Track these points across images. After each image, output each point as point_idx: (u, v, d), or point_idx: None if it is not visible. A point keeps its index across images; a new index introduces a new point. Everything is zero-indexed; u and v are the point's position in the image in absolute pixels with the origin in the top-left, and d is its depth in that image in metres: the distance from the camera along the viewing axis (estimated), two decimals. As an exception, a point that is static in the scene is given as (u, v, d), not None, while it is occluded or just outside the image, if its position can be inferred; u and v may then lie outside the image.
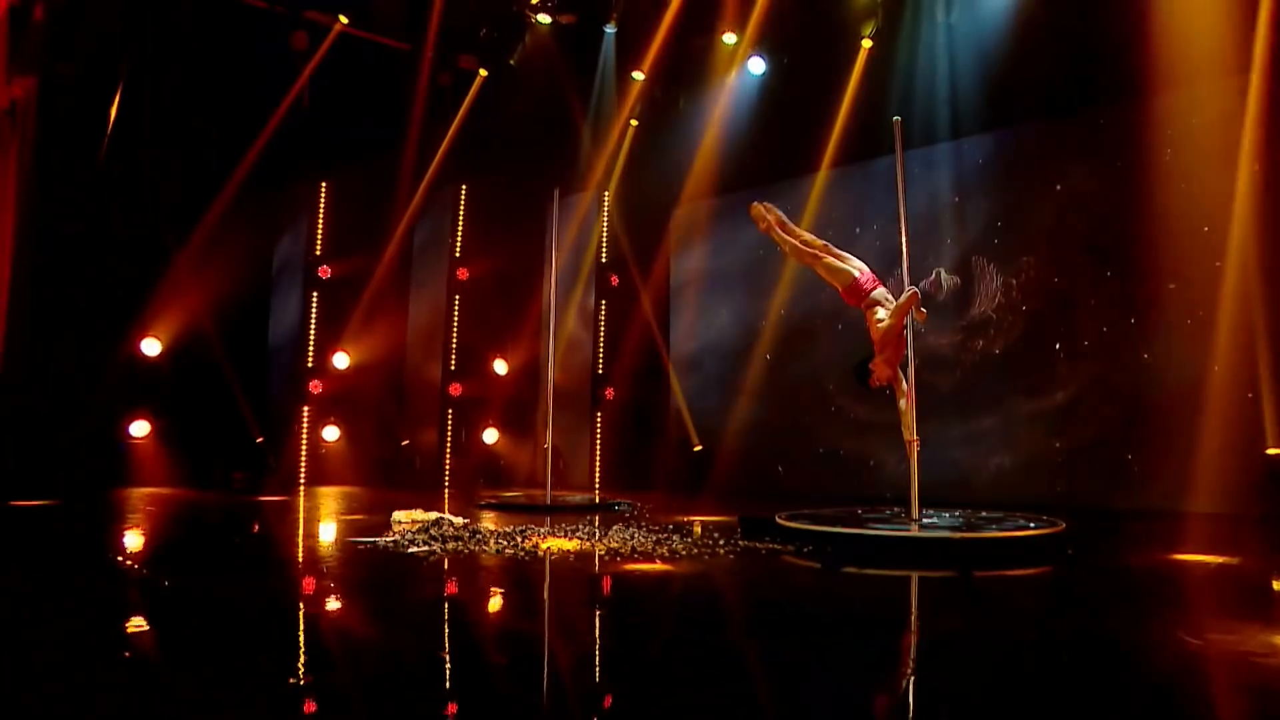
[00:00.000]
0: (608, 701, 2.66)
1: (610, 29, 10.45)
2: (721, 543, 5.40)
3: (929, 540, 5.30)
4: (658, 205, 11.89)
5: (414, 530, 5.65)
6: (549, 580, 4.49)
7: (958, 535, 5.24)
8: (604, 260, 11.59)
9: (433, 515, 6.75)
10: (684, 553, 5.07)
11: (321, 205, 11.21)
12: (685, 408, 11.48)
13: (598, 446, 11.33)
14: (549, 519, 7.08)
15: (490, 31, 10.30)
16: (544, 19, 10.22)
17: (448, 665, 3.00)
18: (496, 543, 5.27)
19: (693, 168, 11.37)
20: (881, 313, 5.66)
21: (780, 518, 5.90)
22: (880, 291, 5.86)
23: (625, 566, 4.69)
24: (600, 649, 3.35)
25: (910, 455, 5.84)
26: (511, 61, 10.39)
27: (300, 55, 10.48)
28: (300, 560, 5.38)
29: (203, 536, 6.53)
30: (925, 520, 5.92)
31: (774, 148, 10.52)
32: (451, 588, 4.38)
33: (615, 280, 11.63)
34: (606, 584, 4.44)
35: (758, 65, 10.46)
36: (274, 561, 5.39)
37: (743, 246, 11.08)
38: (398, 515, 6.74)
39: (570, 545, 5.35)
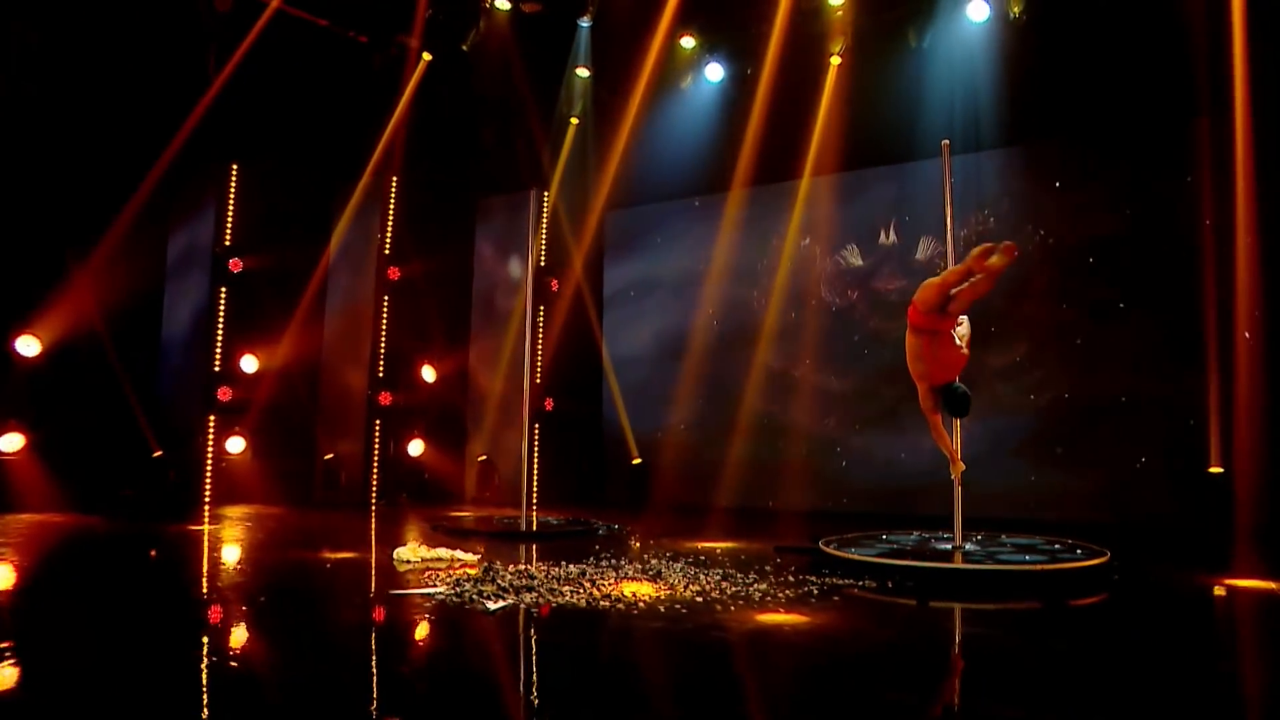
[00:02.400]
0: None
1: (585, 23, 9.93)
2: (812, 580, 5.20)
3: (1014, 573, 5.34)
4: (591, 208, 11.53)
5: (470, 580, 5.03)
6: (701, 644, 3.98)
7: (1039, 567, 5.31)
8: (543, 264, 11.05)
9: (440, 552, 6.15)
10: (781, 596, 4.82)
11: (232, 190, 9.97)
12: (625, 419, 11.18)
13: (535, 460, 10.78)
14: (531, 546, 6.68)
15: (439, 13, 9.51)
16: (503, 4, 9.55)
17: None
18: (574, 592, 4.79)
19: (632, 171, 11.12)
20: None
21: (837, 547, 5.79)
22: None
23: (757, 618, 4.37)
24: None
25: (955, 479, 5.91)
26: (464, 48, 9.63)
27: (217, 17, 9.27)
28: (371, 630, 4.64)
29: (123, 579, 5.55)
30: (968, 546, 6.01)
31: (724, 157, 10.44)
32: (619, 664, 3.89)
33: (555, 285, 11.12)
34: (750, 645, 4.10)
35: (716, 72, 10.30)
36: (341, 634, 4.61)
37: (676, 254, 10.96)
38: (401, 553, 6.08)
39: (650, 590, 4.96)
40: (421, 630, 4.19)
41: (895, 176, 9.62)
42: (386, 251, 10.49)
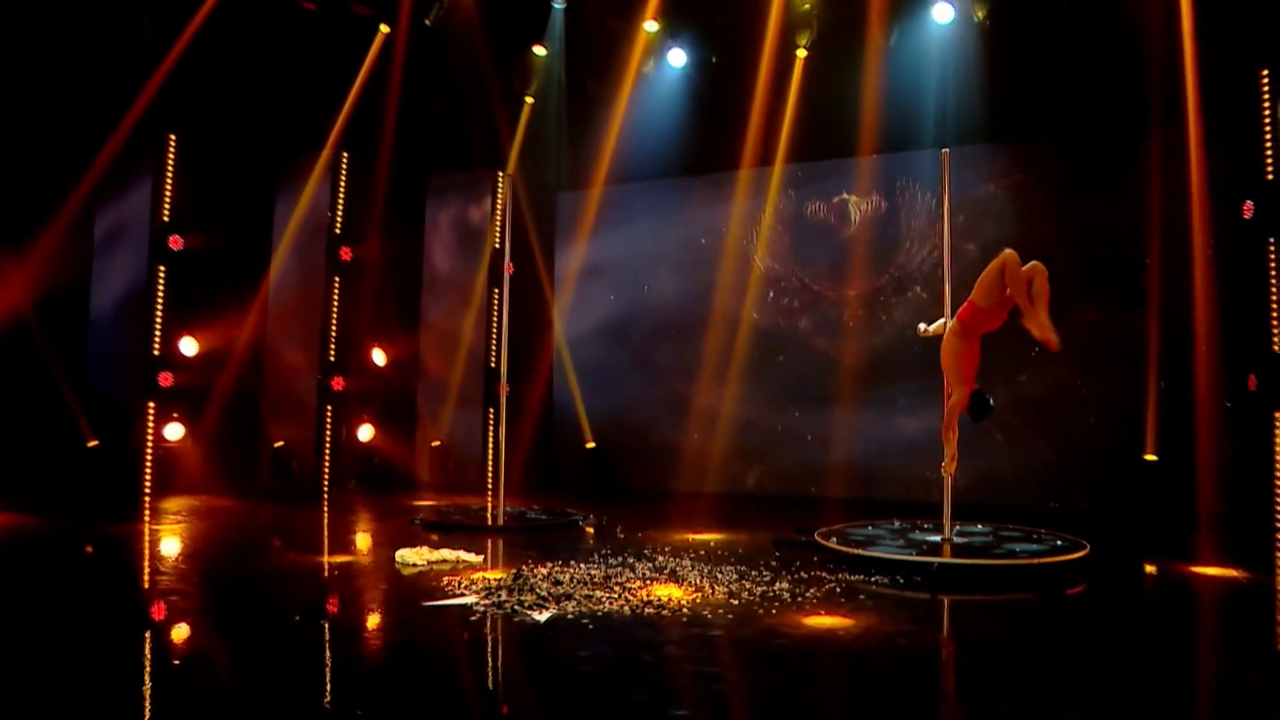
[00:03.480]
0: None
1: (559, 4, 9.67)
2: (826, 576, 5.37)
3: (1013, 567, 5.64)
4: (546, 189, 11.39)
5: (504, 589, 4.95)
6: (774, 652, 4.03)
7: (1038, 561, 5.63)
8: (498, 246, 10.82)
9: (444, 554, 6.05)
10: (810, 596, 4.96)
11: (170, 163, 9.35)
12: (580, 403, 11.16)
13: (490, 446, 10.63)
14: (523, 542, 6.68)
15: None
16: (468, -20, 9.23)
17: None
18: (610, 598, 4.81)
19: (586, 154, 11.04)
20: None
21: (839, 542, 5.99)
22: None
23: (804, 621, 4.50)
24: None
25: (946, 475, 6.19)
26: (427, 22, 9.25)
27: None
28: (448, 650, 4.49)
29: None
30: (956, 538, 6.32)
31: (682, 143, 10.48)
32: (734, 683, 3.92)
33: (511, 268, 10.90)
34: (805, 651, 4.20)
35: (678, 58, 10.27)
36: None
37: (626, 238, 10.95)
38: (406, 556, 5.95)
39: (680, 593, 5.02)
40: (497, 647, 4.11)
41: (850, 170, 9.87)
42: (337, 231, 10.06)
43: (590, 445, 11.01)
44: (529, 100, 10.97)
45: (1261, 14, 7.54)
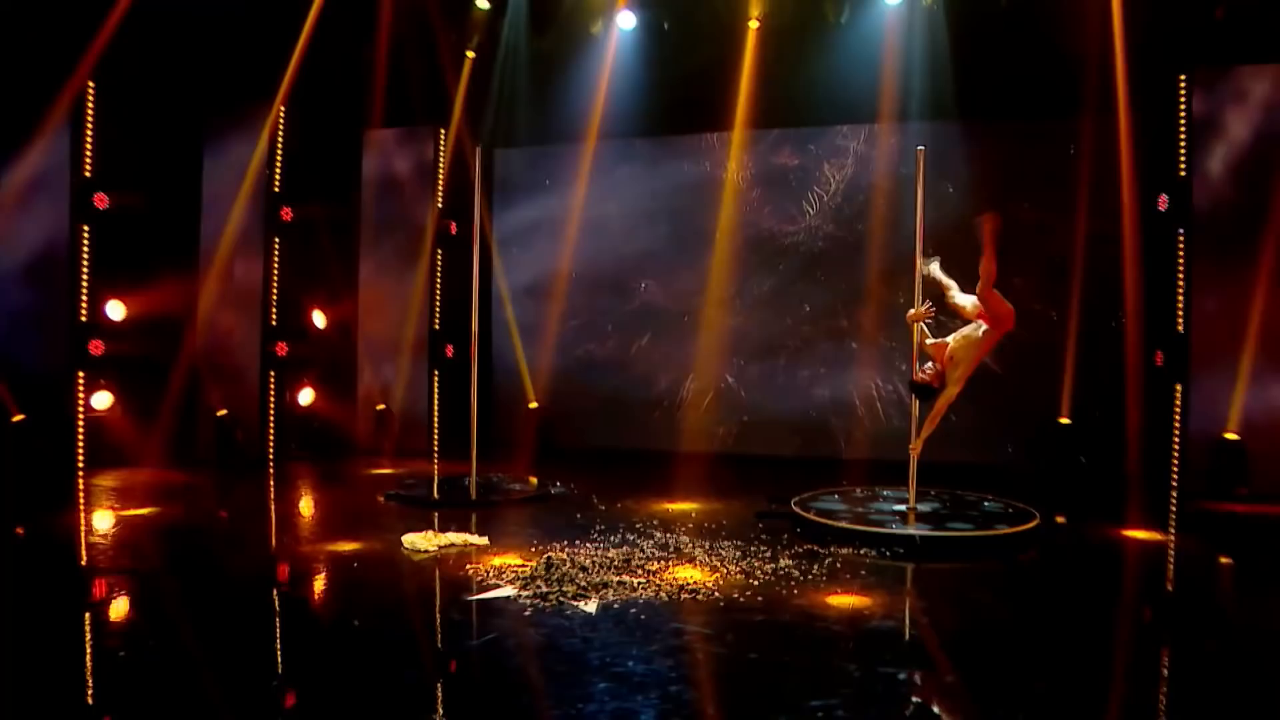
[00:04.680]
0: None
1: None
2: (819, 550, 5.83)
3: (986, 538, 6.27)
4: (486, 146, 11.18)
5: (542, 579, 5.11)
6: (823, 637, 4.36)
7: (1004, 532, 6.27)
8: (440, 205, 10.61)
9: (450, 537, 6.16)
10: (817, 573, 5.39)
11: (89, 115, 8.66)
12: (523, 363, 11.24)
13: (435, 409, 10.60)
14: (516, 518, 6.88)
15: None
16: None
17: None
18: (641, 584, 5.09)
19: (530, 111, 10.93)
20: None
21: (818, 514, 6.47)
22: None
23: (828, 600, 4.90)
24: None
25: (913, 454, 6.76)
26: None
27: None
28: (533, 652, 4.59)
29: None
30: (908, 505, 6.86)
31: (624, 105, 10.54)
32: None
33: (454, 228, 10.75)
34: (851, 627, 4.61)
35: (628, 20, 10.22)
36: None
37: (561, 196, 10.97)
38: (415, 541, 6.03)
39: (700, 574, 5.35)
40: (583, 644, 4.21)
41: (799, 139, 10.22)
42: (276, 189, 9.61)
43: (533, 405, 11.14)
44: (470, 55, 10.69)
45: (1183, 21, 8.27)
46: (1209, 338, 7.89)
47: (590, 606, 4.65)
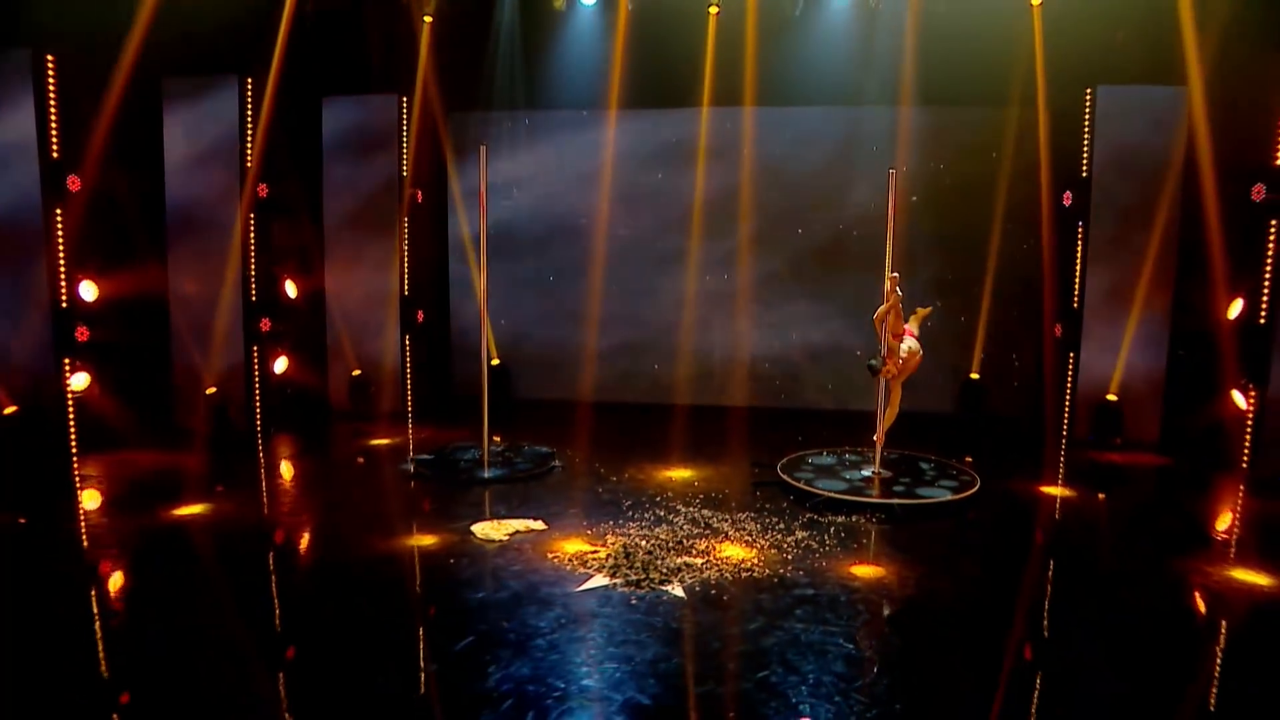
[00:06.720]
0: None
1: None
2: (822, 520, 7.00)
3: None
4: (446, 111, 11.40)
5: (626, 566, 5.86)
6: (873, 609, 5.48)
7: (964, 495, 7.64)
8: (405, 173, 10.79)
9: (516, 524, 6.81)
10: (833, 545, 6.52)
11: (51, 87, 8.34)
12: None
13: (408, 376, 11.02)
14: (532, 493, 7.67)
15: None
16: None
17: None
18: (703, 565, 6.07)
19: (485, 77, 11.23)
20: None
21: (808, 482, 7.64)
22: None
23: (855, 573, 5.97)
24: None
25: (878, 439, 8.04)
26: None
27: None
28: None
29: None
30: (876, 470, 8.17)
31: (589, 77, 11.04)
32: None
33: (420, 196, 10.98)
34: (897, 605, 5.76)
35: (590, -4, 10.56)
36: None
37: (510, 160, 11.44)
38: (486, 530, 6.67)
39: (743, 551, 6.38)
40: (711, 632, 4.99)
41: (740, 118, 11.03)
42: (249, 165, 9.54)
43: (495, 362, 11.74)
44: (428, 20, 10.73)
45: (1092, 39, 9.59)
46: (1100, 313, 9.56)
47: (678, 590, 5.61)
